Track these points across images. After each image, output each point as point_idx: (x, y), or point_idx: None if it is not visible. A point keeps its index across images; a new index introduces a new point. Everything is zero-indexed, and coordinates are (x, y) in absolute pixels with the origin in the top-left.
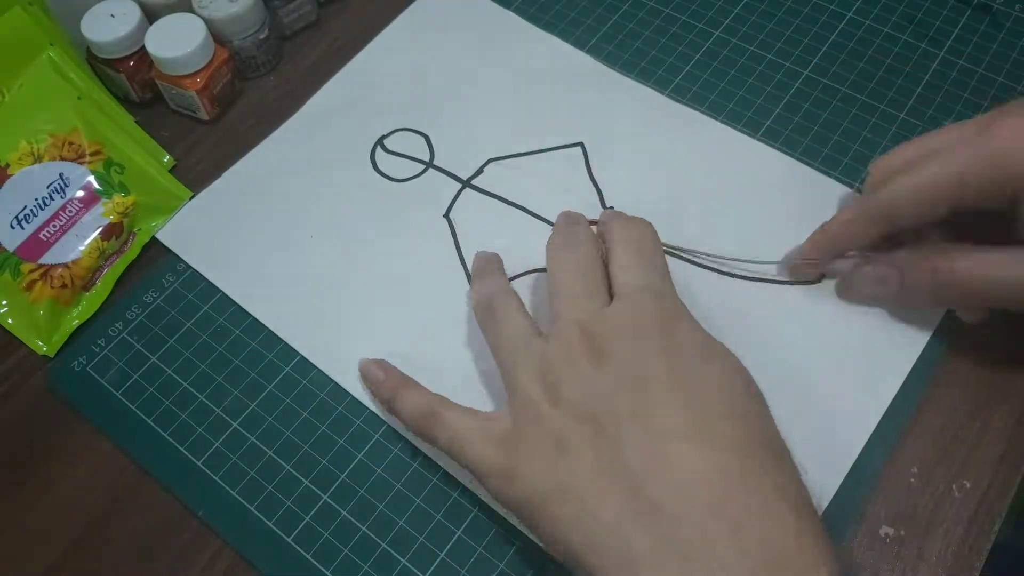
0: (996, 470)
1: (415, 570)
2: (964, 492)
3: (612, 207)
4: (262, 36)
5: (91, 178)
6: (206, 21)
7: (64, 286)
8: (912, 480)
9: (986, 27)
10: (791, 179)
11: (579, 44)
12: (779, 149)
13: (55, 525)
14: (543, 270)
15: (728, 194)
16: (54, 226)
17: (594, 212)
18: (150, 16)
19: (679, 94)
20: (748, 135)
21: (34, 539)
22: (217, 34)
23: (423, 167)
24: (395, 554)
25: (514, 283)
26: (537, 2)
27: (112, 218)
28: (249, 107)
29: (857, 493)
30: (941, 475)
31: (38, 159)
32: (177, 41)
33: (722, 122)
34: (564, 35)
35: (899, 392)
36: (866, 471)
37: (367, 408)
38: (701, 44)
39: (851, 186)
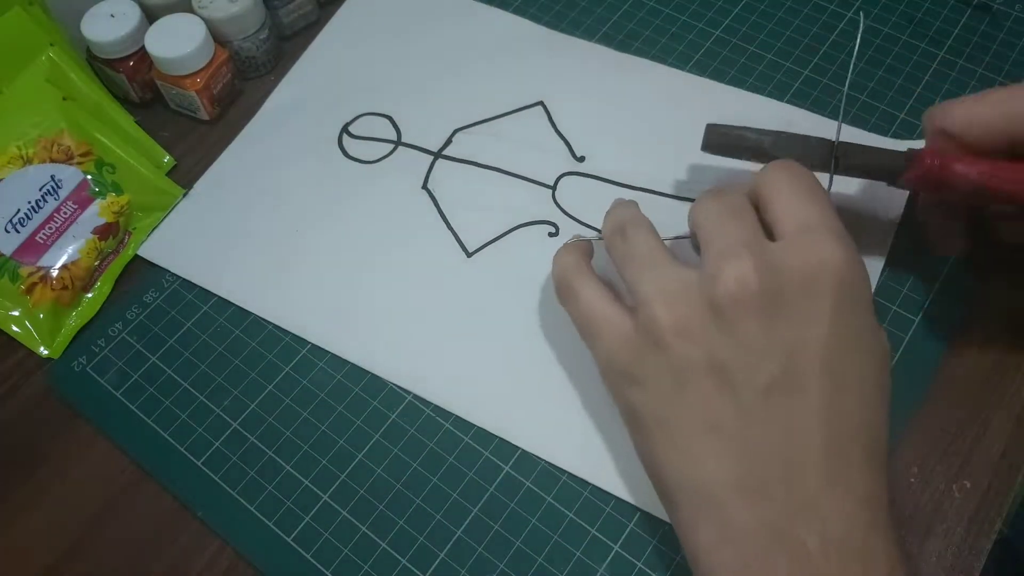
0: (996, 470)
1: (415, 570)
2: (964, 492)
3: (583, 157)
4: (262, 36)
5: (83, 179)
6: (206, 21)
7: (65, 288)
8: (912, 480)
9: (986, 27)
10: (748, 111)
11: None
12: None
13: (55, 525)
14: (530, 224)
15: (685, 128)
16: (50, 228)
17: (567, 164)
18: (150, 16)
19: None
20: (697, 75)
21: (34, 539)
22: (217, 34)
23: (392, 146)
24: (396, 554)
25: (503, 240)
26: (537, 2)
27: (107, 218)
28: (249, 107)
29: None
30: (941, 475)
31: (28, 162)
32: (177, 41)
33: (670, 64)
34: (565, 35)
35: (899, 391)
36: None
37: (367, 407)
38: (701, 44)
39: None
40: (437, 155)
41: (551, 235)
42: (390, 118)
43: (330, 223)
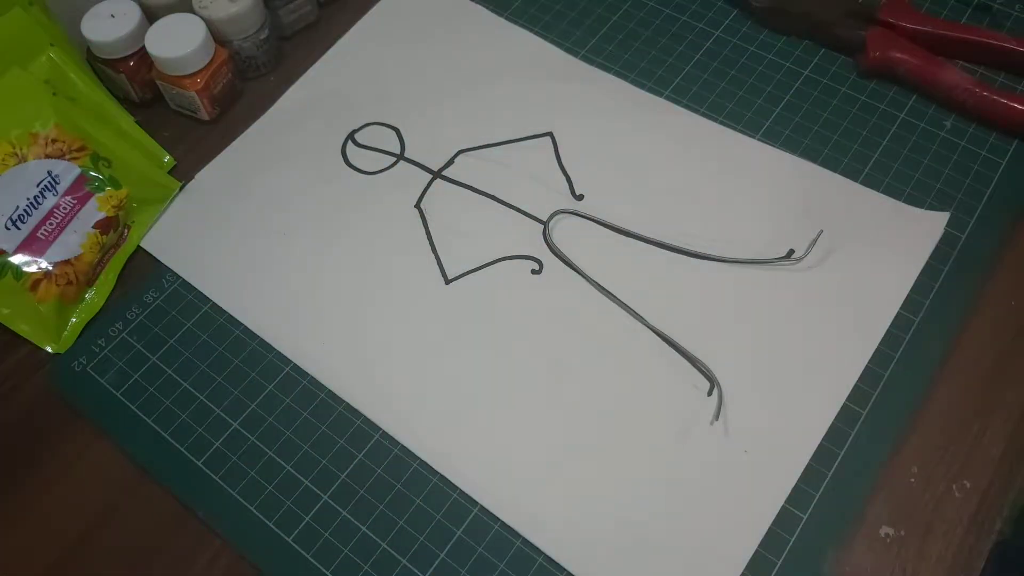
0: (996, 470)
1: (415, 570)
2: (964, 492)
3: (582, 195)
4: (262, 36)
5: (79, 173)
6: (206, 21)
7: (69, 283)
8: (912, 480)
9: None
10: (755, 160)
11: (579, 44)
12: (764, 141)
13: (55, 525)
14: (514, 258)
15: (695, 177)
16: (51, 224)
17: (565, 201)
18: (150, 16)
19: (679, 94)
20: (710, 118)
21: (34, 539)
22: (217, 34)
23: (394, 159)
24: (395, 554)
25: (484, 271)
26: (537, 2)
27: (107, 212)
28: (249, 107)
29: (857, 493)
30: (941, 475)
31: (22, 159)
32: (177, 41)
33: (700, 113)
34: (564, 35)
35: (899, 391)
36: (866, 470)
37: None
38: (701, 44)
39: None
40: (436, 175)
41: (534, 272)
42: (397, 130)
43: (316, 231)
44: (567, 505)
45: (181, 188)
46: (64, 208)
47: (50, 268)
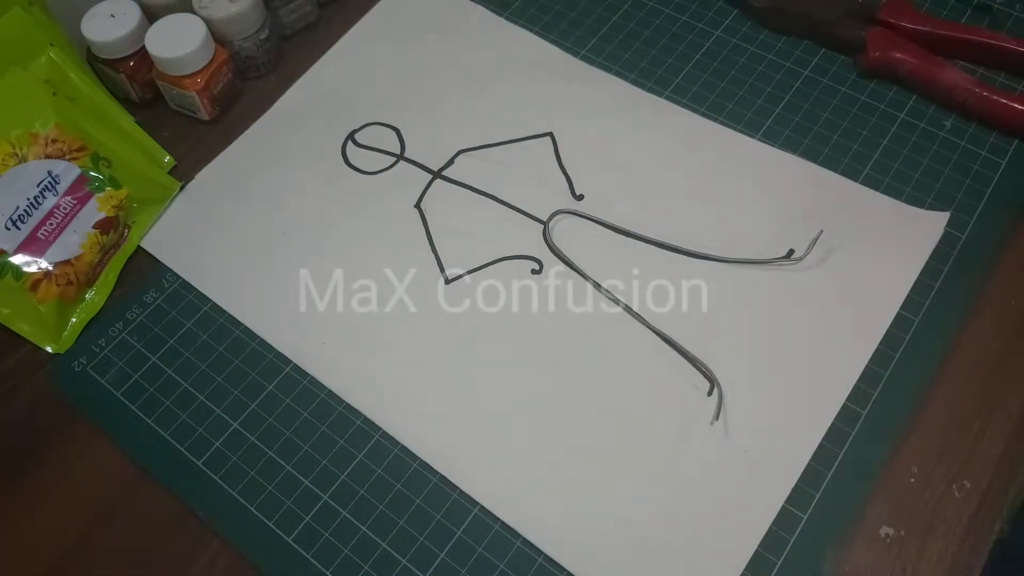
0: (996, 470)
1: (415, 570)
2: (964, 492)
3: (582, 195)
4: (262, 36)
5: (80, 174)
6: (206, 21)
7: (70, 283)
8: (912, 480)
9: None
10: (755, 160)
11: (579, 44)
12: (764, 141)
13: (55, 525)
14: (514, 258)
15: (695, 177)
16: (51, 224)
17: (565, 201)
18: (150, 16)
19: (679, 94)
20: (710, 118)
21: (34, 539)
22: (217, 34)
23: (394, 160)
24: (395, 554)
25: (485, 271)
26: (537, 2)
27: (107, 212)
28: (249, 107)
29: (857, 493)
30: (941, 475)
31: (23, 159)
32: (177, 41)
33: (700, 113)
34: (564, 35)
35: (899, 391)
36: (866, 470)
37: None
38: (701, 44)
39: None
40: (436, 175)
41: (534, 272)
42: (397, 130)
43: (317, 231)
44: (567, 505)
45: (181, 188)
46: (64, 208)
47: (50, 268)
